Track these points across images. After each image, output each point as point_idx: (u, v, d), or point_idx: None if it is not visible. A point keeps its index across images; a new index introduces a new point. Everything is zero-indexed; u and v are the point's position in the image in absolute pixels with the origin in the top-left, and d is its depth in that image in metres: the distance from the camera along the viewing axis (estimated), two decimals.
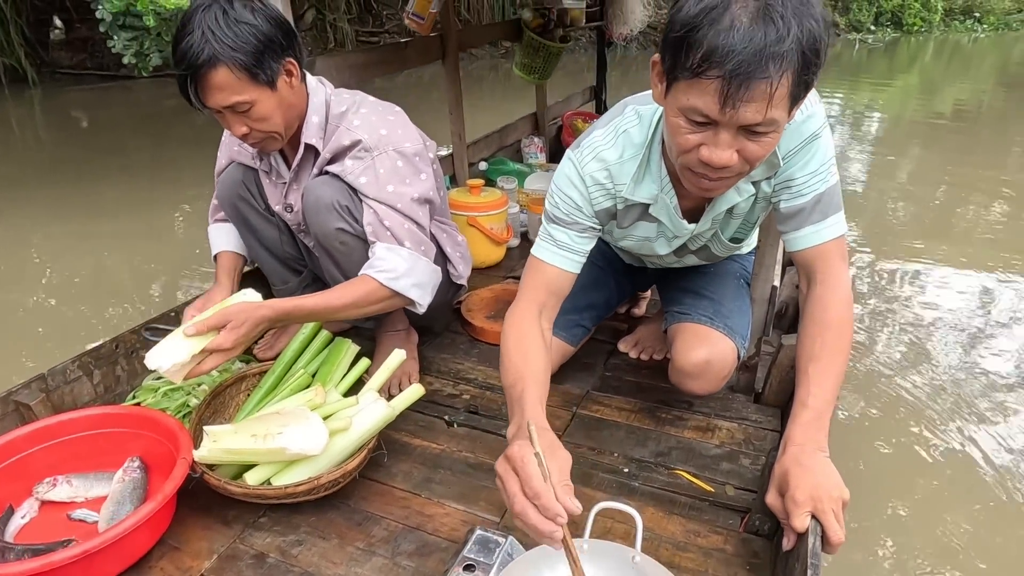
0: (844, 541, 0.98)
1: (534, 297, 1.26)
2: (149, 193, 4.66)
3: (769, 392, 1.55)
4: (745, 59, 0.84)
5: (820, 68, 0.91)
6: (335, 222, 1.43)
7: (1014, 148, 6.59)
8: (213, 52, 1.24)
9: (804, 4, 0.86)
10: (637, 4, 3.54)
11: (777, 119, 0.91)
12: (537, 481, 0.86)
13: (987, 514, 1.85)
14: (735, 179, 1.05)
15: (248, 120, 1.34)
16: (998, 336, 2.86)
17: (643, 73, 9.65)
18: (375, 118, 1.46)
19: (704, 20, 0.87)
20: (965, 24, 18.42)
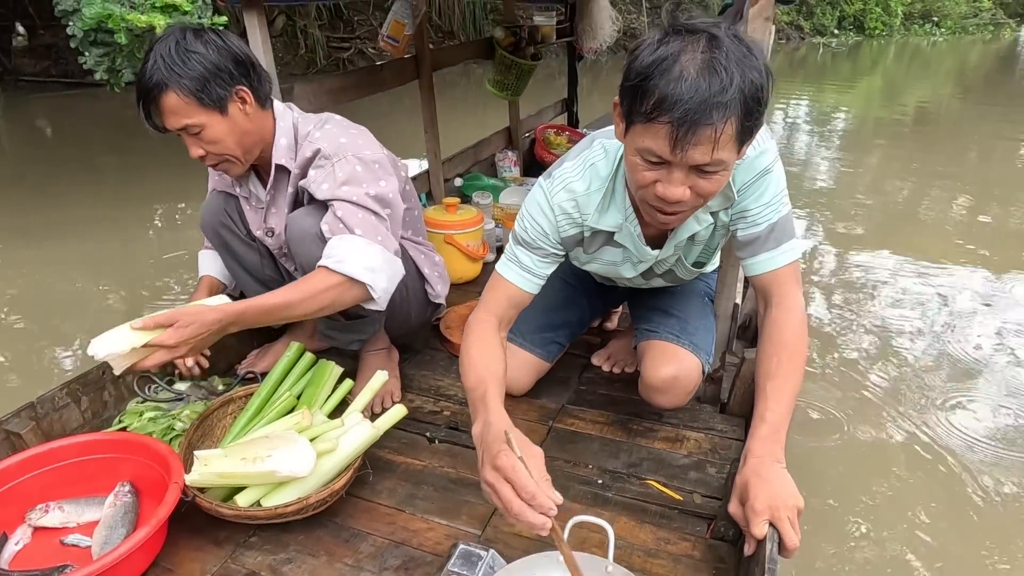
0: (799, 546, 1.06)
1: (494, 309, 1.36)
2: (117, 204, 4.63)
3: (734, 402, 1.65)
4: (692, 107, 0.93)
5: (763, 112, 1.00)
6: (320, 250, 1.48)
7: (972, 147, 6.86)
8: (162, 78, 1.34)
9: (746, 57, 0.95)
10: (606, 20, 3.64)
11: (724, 159, 1.00)
12: (531, 485, 0.98)
13: (951, 503, 1.97)
14: (690, 212, 1.14)
15: (201, 142, 1.42)
16: (960, 328, 3.01)
17: (613, 82, 9.81)
18: (336, 130, 1.53)
19: (656, 70, 0.96)
20: (924, 28, 18.98)
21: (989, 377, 2.64)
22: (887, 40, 17.83)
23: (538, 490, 0.98)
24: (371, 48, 11.49)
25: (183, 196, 4.76)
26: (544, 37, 3.34)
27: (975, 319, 3.10)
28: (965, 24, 19.77)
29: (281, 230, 1.63)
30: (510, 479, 1.00)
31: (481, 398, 1.17)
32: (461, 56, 3.01)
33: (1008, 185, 5.46)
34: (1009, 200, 5.03)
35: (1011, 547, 1.83)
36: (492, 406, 1.14)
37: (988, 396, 2.51)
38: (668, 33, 0.99)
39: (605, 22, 3.64)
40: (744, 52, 0.96)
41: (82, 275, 3.55)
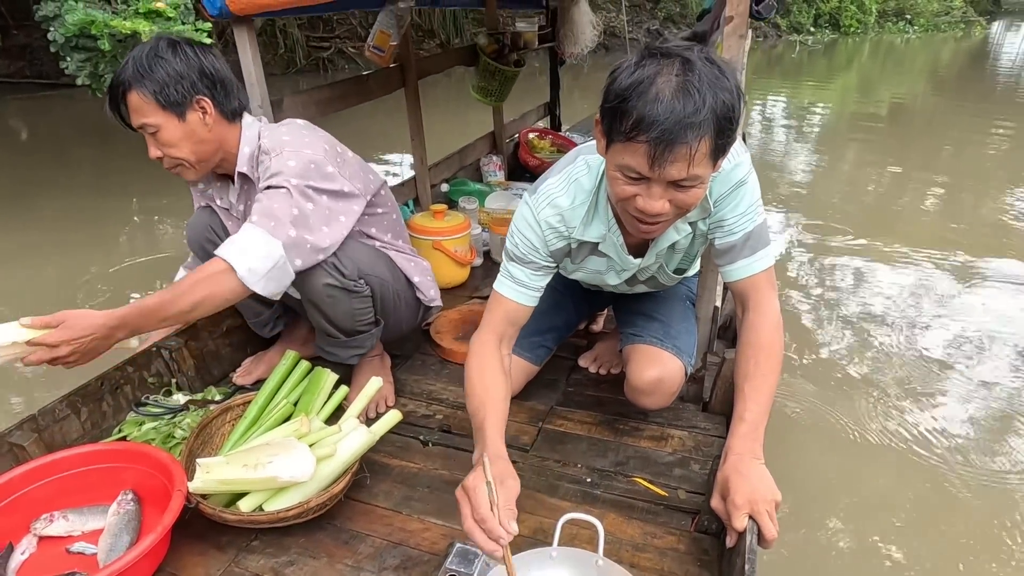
0: (777, 537, 1.13)
1: (494, 328, 1.42)
2: (94, 206, 4.60)
3: (715, 401, 1.72)
4: (668, 128, 1.00)
5: (736, 129, 1.07)
6: (323, 279, 1.53)
7: (945, 143, 7.04)
8: (128, 77, 1.43)
9: (718, 79, 1.02)
10: (587, 25, 3.71)
11: (700, 175, 1.07)
12: (484, 508, 1.05)
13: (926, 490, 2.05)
14: (669, 223, 1.22)
15: (157, 143, 1.49)
16: (932, 321, 3.12)
17: (593, 84, 9.89)
18: (284, 130, 1.57)
19: (634, 92, 1.02)
20: (898, 26, 19.31)
21: (962, 368, 2.74)
22: (862, 37, 18.12)
23: (490, 516, 1.04)
24: (351, 47, 11.45)
25: (161, 197, 4.76)
26: (527, 43, 3.39)
27: (949, 311, 3.21)
28: (937, 22, 20.14)
29: None
30: (470, 498, 1.08)
31: (480, 426, 1.25)
32: (445, 64, 3.06)
33: (981, 178, 5.62)
34: (982, 193, 5.18)
35: (985, 531, 1.92)
36: (489, 435, 1.22)
37: (961, 386, 2.61)
38: (644, 56, 1.05)
39: (586, 27, 3.70)
40: (716, 74, 1.02)
41: (57, 277, 3.54)
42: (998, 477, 2.14)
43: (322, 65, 11.02)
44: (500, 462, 1.17)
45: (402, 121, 2.85)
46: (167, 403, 1.70)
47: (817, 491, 2.04)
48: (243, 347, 1.99)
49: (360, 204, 1.61)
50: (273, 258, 1.41)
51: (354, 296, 1.60)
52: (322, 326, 1.64)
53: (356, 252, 1.61)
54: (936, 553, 1.87)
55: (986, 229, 4.35)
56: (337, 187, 1.53)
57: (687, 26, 14.72)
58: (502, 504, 1.06)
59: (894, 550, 1.86)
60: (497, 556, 1.05)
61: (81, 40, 3.84)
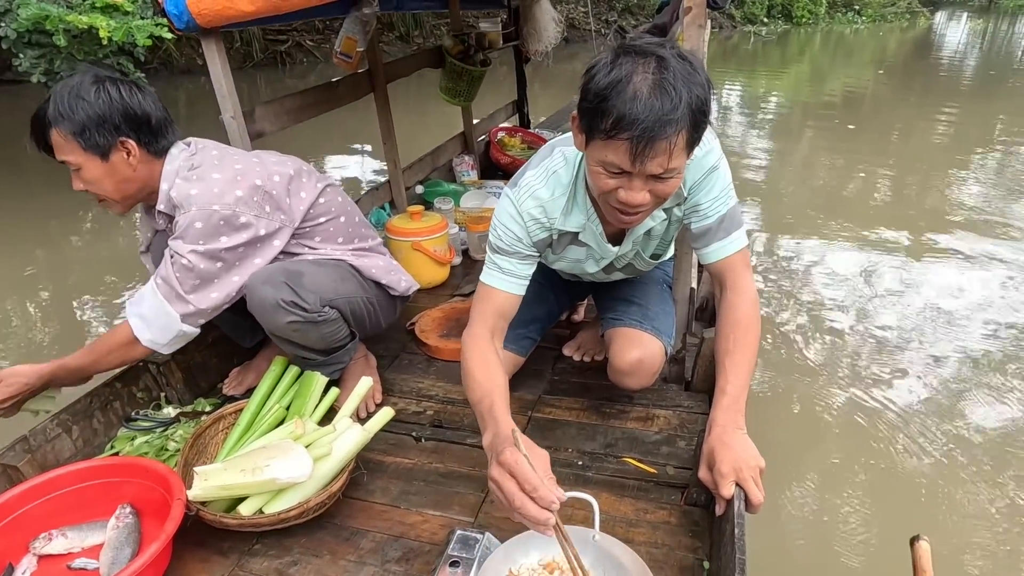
0: (763, 501, 1.19)
1: (485, 321, 1.43)
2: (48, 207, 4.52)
3: (697, 380, 1.78)
4: (647, 126, 1.04)
5: (708, 121, 1.12)
6: (284, 317, 1.54)
7: (894, 129, 7.26)
8: (49, 115, 1.44)
9: (691, 74, 1.07)
10: (549, 22, 3.76)
11: (678, 166, 1.12)
12: (533, 478, 1.03)
13: (882, 461, 2.15)
14: (649, 212, 1.26)
15: (79, 180, 1.50)
16: (887, 303, 3.24)
17: (559, 80, 10.00)
18: (196, 177, 1.50)
19: (612, 92, 1.06)
20: (847, 16, 19.81)
21: (913, 345, 2.86)
22: (813, 28, 18.56)
23: (540, 483, 1.02)
24: (308, 41, 11.31)
25: None
26: (491, 43, 3.43)
27: (900, 290, 3.34)
28: (884, 12, 20.70)
29: None
30: (514, 473, 1.04)
31: (488, 410, 1.23)
32: (413, 67, 3.08)
33: (927, 161, 5.83)
34: (928, 176, 5.38)
35: (937, 498, 2.03)
36: (499, 416, 1.20)
37: (914, 363, 2.72)
38: (619, 55, 1.09)
39: (549, 24, 3.75)
40: (689, 70, 1.07)
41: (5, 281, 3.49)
42: (943, 444, 2.25)
43: (279, 59, 10.85)
44: (524, 438, 1.15)
45: (370, 123, 2.86)
46: (157, 417, 1.71)
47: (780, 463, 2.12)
48: (229, 358, 2.00)
49: (285, 235, 1.60)
50: (172, 330, 1.53)
51: (322, 324, 1.60)
52: (296, 352, 1.66)
53: (315, 280, 1.58)
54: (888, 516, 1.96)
55: (932, 213, 4.52)
56: (250, 236, 1.52)
57: (645, 17, 14.91)
58: (541, 473, 1.05)
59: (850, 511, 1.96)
60: (550, 524, 1.03)
61: (35, 36, 3.73)
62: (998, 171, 5.48)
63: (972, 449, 2.22)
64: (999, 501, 1.99)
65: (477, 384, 1.30)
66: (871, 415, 2.39)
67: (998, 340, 2.87)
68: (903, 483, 2.08)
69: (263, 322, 1.58)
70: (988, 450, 2.21)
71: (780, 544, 1.88)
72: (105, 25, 3.60)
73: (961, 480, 2.08)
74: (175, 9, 1.67)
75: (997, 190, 4.94)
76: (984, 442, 2.25)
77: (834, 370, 2.67)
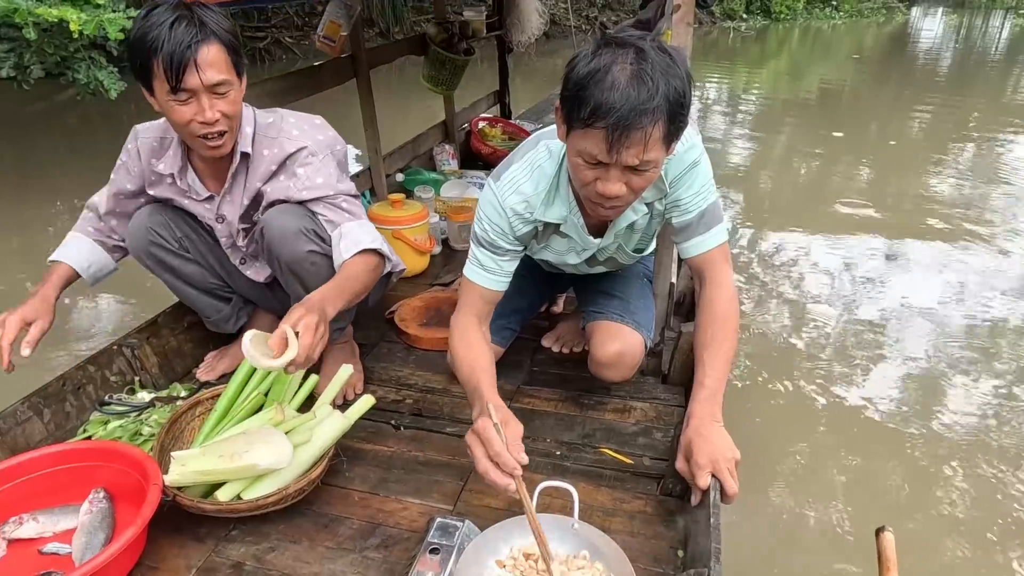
0: (738, 492, 1.22)
1: (471, 309, 1.47)
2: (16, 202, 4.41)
3: (674, 373, 1.81)
4: (623, 114, 1.06)
5: (687, 114, 1.14)
6: (305, 245, 1.55)
7: (871, 123, 7.40)
8: (211, 31, 1.37)
9: (670, 66, 1.08)
10: (533, 13, 3.75)
11: (654, 158, 1.13)
12: (498, 444, 1.14)
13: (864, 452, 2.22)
14: (627, 204, 1.28)
15: (222, 104, 1.43)
16: (866, 294, 3.32)
17: (541, 72, 9.98)
18: (307, 126, 1.61)
19: (591, 81, 1.08)
20: (825, 12, 20.02)
21: (893, 336, 2.94)
22: (792, 23, 18.74)
23: (504, 451, 1.13)
24: (287, 37, 11.17)
25: (87, 193, 4.55)
26: (475, 32, 3.42)
27: (879, 282, 3.42)
28: (861, 8, 20.97)
29: (234, 218, 1.66)
30: (481, 438, 1.16)
31: (475, 388, 1.31)
32: (396, 54, 3.06)
33: (905, 155, 5.96)
34: (906, 169, 5.50)
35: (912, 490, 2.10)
36: (485, 392, 1.28)
37: (893, 354, 2.80)
38: (601, 46, 1.11)
39: (532, 15, 3.75)
40: (668, 62, 1.09)
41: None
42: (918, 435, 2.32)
43: (258, 55, 10.71)
44: (501, 409, 1.24)
45: (351, 110, 2.84)
46: (132, 401, 1.68)
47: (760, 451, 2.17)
48: (205, 343, 1.97)
49: None
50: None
51: (331, 265, 1.61)
52: (299, 294, 1.61)
53: None
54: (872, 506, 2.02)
55: (910, 205, 4.63)
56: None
57: (626, 14, 14.92)
58: (509, 441, 1.15)
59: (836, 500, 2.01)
60: (512, 489, 1.14)
61: (3, 30, 3.63)
62: (974, 161, 5.63)
63: (951, 437, 2.29)
64: (973, 492, 2.06)
65: (465, 364, 1.37)
66: (848, 408, 2.45)
67: (974, 332, 2.96)
68: (878, 475, 2.14)
69: (282, 253, 1.56)
70: (963, 441, 2.29)
71: (754, 535, 1.92)
72: (76, 18, 3.52)
73: (935, 471, 2.15)
74: None
75: (975, 179, 5.07)
76: (959, 433, 2.32)
77: (811, 362, 2.73)
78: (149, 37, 1.34)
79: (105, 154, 1.73)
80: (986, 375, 2.65)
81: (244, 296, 1.90)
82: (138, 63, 1.38)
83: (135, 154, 1.65)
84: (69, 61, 4.16)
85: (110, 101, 4.71)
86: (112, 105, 7.12)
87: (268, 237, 1.57)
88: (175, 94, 1.39)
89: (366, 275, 1.55)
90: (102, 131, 6.69)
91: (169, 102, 1.41)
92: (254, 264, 1.80)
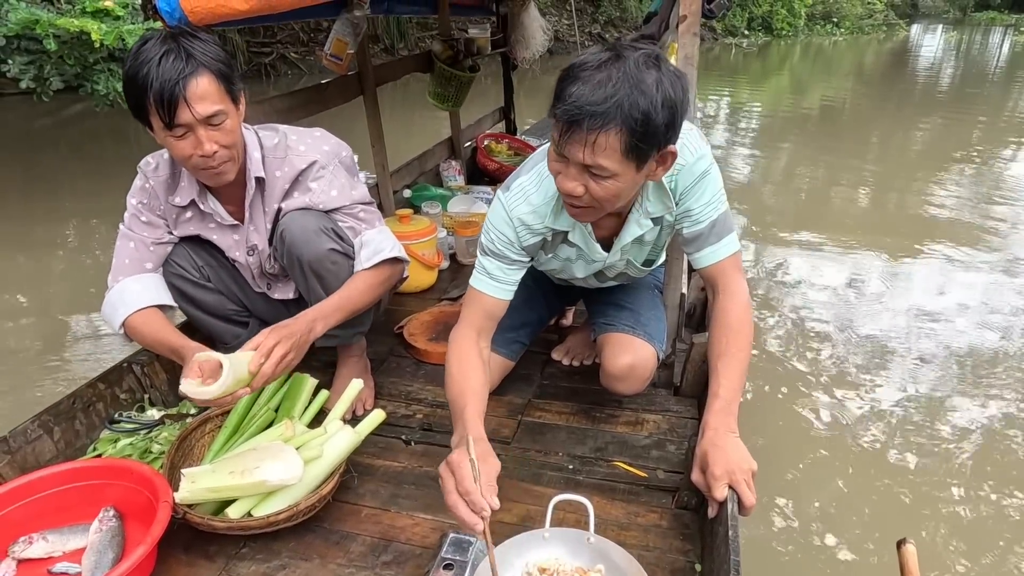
0: (756, 504, 1.20)
1: (472, 322, 1.45)
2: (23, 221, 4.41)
3: (686, 385, 1.79)
4: (571, 109, 1.08)
5: (654, 137, 1.11)
6: (327, 243, 1.56)
7: (872, 138, 7.42)
8: (199, 62, 1.35)
9: (639, 82, 1.07)
10: (537, 30, 3.78)
11: (606, 165, 1.12)
12: (468, 482, 1.10)
13: (865, 471, 2.19)
14: (591, 211, 1.26)
15: (219, 135, 1.41)
16: (868, 311, 3.29)
17: (546, 88, 10.04)
18: (310, 140, 1.62)
19: (568, 74, 1.12)
20: (826, 28, 20.18)
21: (898, 350, 2.91)
22: (793, 40, 18.90)
23: (474, 489, 1.09)
24: (293, 53, 11.30)
25: (95, 213, 4.58)
26: (480, 48, 3.45)
27: (881, 299, 3.40)
28: (862, 24, 21.14)
29: (264, 245, 1.66)
30: (454, 472, 1.13)
31: (460, 412, 1.29)
32: (402, 71, 3.08)
33: (906, 171, 5.96)
34: (907, 186, 5.50)
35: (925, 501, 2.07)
36: (469, 420, 1.26)
37: (898, 368, 2.77)
38: (597, 50, 1.13)
39: (536, 32, 3.78)
40: (640, 77, 1.07)
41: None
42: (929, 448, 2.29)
43: (264, 71, 10.83)
44: (481, 443, 1.22)
45: (357, 127, 2.86)
46: (141, 419, 1.68)
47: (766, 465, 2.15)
48: None
49: None
50: None
51: (352, 265, 1.62)
52: (319, 297, 1.62)
53: None
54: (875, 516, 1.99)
55: (912, 223, 4.61)
56: None
57: (627, 30, 15.07)
58: (484, 481, 1.11)
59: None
60: (478, 530, 1.10)
61: (24, 42, 3.69)
62: (976, 178, 5.62)
63: (958, 452, 2.26)
64: (984, 504, 2.03)
65: (455, 383, 1.36)
66: (858, 420, 2.42)
67: (981, 345, 2.93)
68: (891, 486, 2.11)
69: (303, 252, 1.56)
70: (973, 453, 2.26)
71: (771, 548, 1.89)
72: (96, 29, 3.57)
73: (947, 483, 2.12)
74: (167, 6, 1.64)
75: (977, 196, 5.06)
76: (969, 445, 2.29)
77: (819, 375, 2.71)
78: (140, 75, 1.33)
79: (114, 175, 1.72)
80: (998, 393, 2.61)
81: (261, 319, 1.89)
82: (133, 102, 1.38)
83: (154, 193, 1.61)
84: (88, 73, 4.21)
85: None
86: (121, 119, 7.21)
87: (289, 239, 1.56)
88: (170, 130, 1.38)
89: (373, 290, 1.59)
90: (109, 147, 6.75)
91: (167, 138, 1.40)
92: (277, 285, 1.80)
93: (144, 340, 1.57)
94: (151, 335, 1.54)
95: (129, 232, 1.63)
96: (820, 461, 2.23)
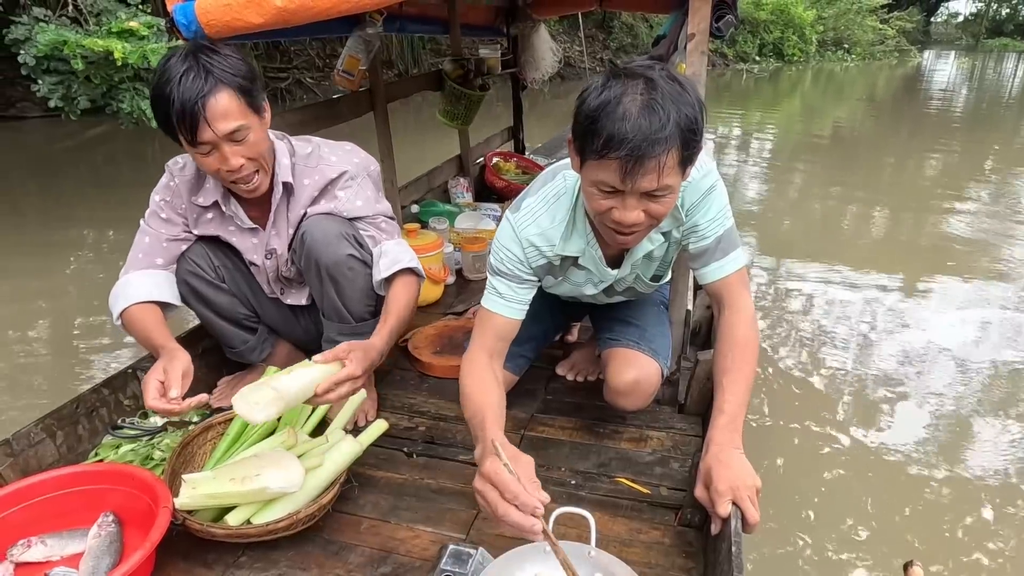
0: (759, 521, 1.18)
1: (484, 344, 1.44)
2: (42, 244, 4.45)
3: (690, 402, 1.77)
4: (636, 144, 1.06)
5: (700, 140, 1.14)
6: (346, 249, 1.58)
7: (886, 164, 7.40)
8: (217, 79, 1.36)
9: (680, 94, 1.09)
10: (547, 51, 3.83)
11: (670, 184, 1.13)
12: (514, 485, 1.05)
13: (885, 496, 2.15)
14: (646, 231, 1.28)
15: (244, 149, 1.43)
16: (882, 337, 3.26)
17: (554, 108, 10.14)
18: (341, 152, 1.66)
19: (602, 113, 1.09)
20: (837, 54, 20.29)
21: (910, 378, 2.87)
22: (804, 66, 19.00)
23: (521, 490, 1.05)
24: (308, 78, 11.49)
25: (113, 231, 4.62)
26: (490, 68, 3.49)
27: (895, 326, 3.37)
28: (873, 51, 21.25)
29: (284, 250, 1.69)
30: (494, 482, 1.08)
31: (480, 425, 1.27)
32: (413, 88, 3.13)
33: (919, 198, 5.93)
34: (921, 213, 5.47)
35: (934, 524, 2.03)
36: (489, 430, 1.23)
37: (910, 395, 2.73)
38: (610, 78, 1.12)
39: (546, 53, 3.82)
40: (678, 90, 1.09)
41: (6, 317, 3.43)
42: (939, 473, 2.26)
43: (280, 95, 11.01)
44: (508, 446, 1.19)
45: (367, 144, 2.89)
46: (144, 425, 1.68)
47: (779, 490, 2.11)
48: (218, 368, 1.97)
49: None
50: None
51: (368, 273, 1.64)
52: (335, 307, 1.65)
53: None
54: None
55: (925, 250, 4.58)
56: None
57: (639, 55, 15.21)
58: (524, 480, 1.08)
59: None
60: (537, 530, 1.05)
61: (52, 63, 3.79)
62: (991, 201, 5.59)
63: (969, 476, 2.22)
64: (997, 530, 1.99)
65: (472, 402, 1.33)
66: (868, 444, 2.39)
67: (994, 375, 2.89)
68: (899, 508, 2.07)
69: (322, 255, 1.57)
70: (984, 476, 2.22)
71: (776, 567, 1.86)
72: (120, 48, 3.67)
73: (958, 507, 2.08)
74: (184, 19, 1.67)
75: (993, 219, 5.03)
76: (981, 469, 2.26)
77: (829, 400, 2.68)
78: (164, 94, 1.36)
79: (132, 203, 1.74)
80: (1013, 416, 2.57)
81: (269, 325, 1.90)
82: (161, 119, 1.41)
83: (177, 191, 1.64)
84: (113, 92, 4.32)
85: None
86: (140, 142, 7.32)
87: (309, 240, 1.58)
88: (195, 147, 1.41)
89: (409, 309, 1.61)
90: (126, 169, 6.85)
91: (194, 153, 1.44)
92: (290, 290, 1.82)
93: (135, 334, 1.58)
94: (141, 330, 1.55)
95: (147, 227, 1.67)
96: (834, 482, 2.20)
